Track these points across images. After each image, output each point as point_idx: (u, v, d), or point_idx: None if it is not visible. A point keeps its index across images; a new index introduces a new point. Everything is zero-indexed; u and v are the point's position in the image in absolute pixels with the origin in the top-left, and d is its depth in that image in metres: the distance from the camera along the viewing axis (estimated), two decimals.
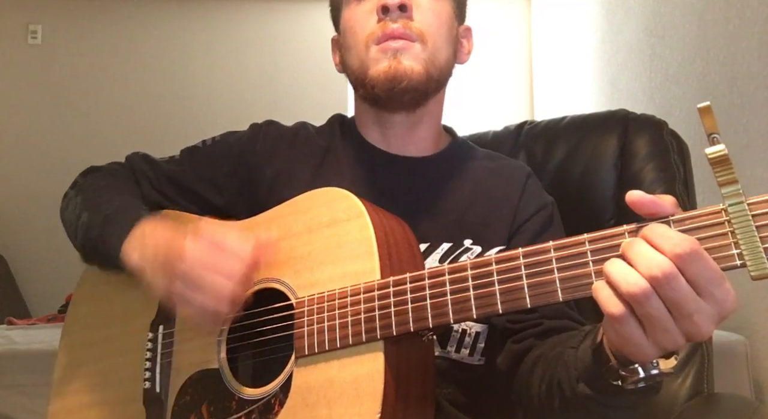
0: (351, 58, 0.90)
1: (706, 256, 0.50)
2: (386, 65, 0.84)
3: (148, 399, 0.81)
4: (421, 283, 0.65)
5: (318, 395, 0.68)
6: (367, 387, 0.65)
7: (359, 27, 0.88)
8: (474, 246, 0.89)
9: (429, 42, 0.86)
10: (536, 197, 0.94)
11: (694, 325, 0.50)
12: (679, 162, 1.06)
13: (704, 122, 0.51)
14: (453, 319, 0.63)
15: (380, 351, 0.66)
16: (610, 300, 0.51)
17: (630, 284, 0.50)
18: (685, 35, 1.85)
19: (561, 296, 0.56)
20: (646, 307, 0.50)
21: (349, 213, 0.73)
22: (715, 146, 0.51)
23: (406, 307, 0.65)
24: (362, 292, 0.68)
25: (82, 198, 0.93)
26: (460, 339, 0.87)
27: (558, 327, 0.82)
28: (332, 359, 0.69)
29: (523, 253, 0.59)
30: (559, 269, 0.57)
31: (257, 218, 0.83)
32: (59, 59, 3.72)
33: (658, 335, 0.51)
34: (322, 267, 0.73)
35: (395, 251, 0.72)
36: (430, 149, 0.96)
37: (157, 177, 0.97)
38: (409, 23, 0.85)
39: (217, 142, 0.98)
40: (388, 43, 0.84)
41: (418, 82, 0.86)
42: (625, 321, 0.51)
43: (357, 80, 0.90)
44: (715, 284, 0.50)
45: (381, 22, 0.86)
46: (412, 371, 0.70)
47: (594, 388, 0.62)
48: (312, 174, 0.93)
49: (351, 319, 0.68)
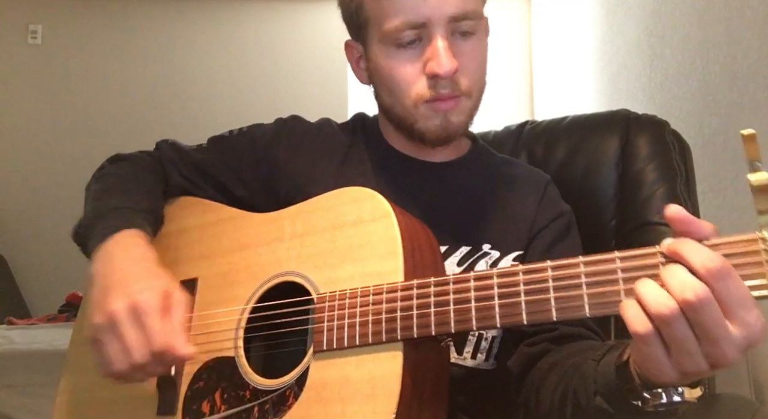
0: (392, 101, 0.89)
1: (736, 275, 0.49)
2: (437, 125, 0.86)
3: (162, 381, 0.82)
4: (446, 288, 0.65)
5: (333, 391, 0.68)
6: (384, 387, 0.65)
7: (405, 81, 0.86)
8: (492, 251, 0.89)
9: (474, 93, 0.88)
10: (554, 204, 0.95)
11: (719, 351, 0.50)
12: (681, 162, 1.06)
13: (747, 148, 0.51)
14: (476, 326, 0.63)
15: (399, 351, 0.66)
16: (638, 319, 0.51)
17: (660, 304, 0.50)
18: (685, 35, 1.86)
19: (588, 313, 0.56)
20: (673, 329, 0.50)
21: (375, 213, 0.74)
22: (759, 173, 0.51)
23: (429, 311, 0.65)
24: (385, 292, 0.68)
25: (95, 189, 0.95)
26: (476, 343, 0.87)
27: (573, 333, 0.82)
28: (350, 356, 0.69)
29: (552, 266, 0.59)
30: (587, 284, 0.57)
31: (282, 213, 0.84)
32: (59, 59, 3.72)
33: (681, 357, 0.51)
34: (344, 265, 0.74)
35: (419, 254, 0.73)
36: (452, 154, 0.97)
37: (185, 165, 0.99)
38: (457, 85, 0.85)
39: (244, 133, 1.00)
40: (439, 105, 0.85)
41: (464, 131, 0.91)
42: (650, 341, 0.51)
43: (400, 124, 0.90)
44: (746, 309, 0.49)
45: (432, 85, 0.84)
46: (428, 374, 0.70)
47: (612, 404, 0.62)
48: (335, 171, 0.94)
49: (372, 318, 0.68)
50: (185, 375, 0.81)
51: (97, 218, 0.87)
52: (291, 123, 1.00)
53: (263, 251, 0.82)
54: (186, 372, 0.81)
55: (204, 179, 0.97)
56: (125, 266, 0.78)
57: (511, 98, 3.76)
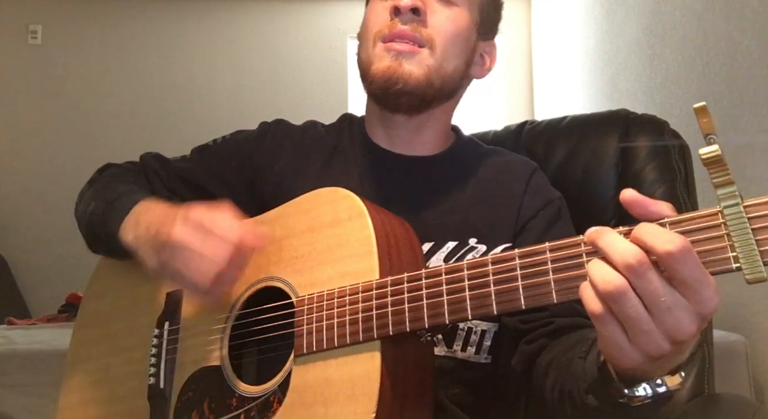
0: (360, 50, 0.91)
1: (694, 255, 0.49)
2: (386, 65, 0.85)
3: (153, 394, 0.82)
4: (418, 283, 0.65)
5: (315, 394, 0.68)
6: (363, 387, 0.65)
7: (372, 22, 0.89)
8: (479, 245, 0.89)
9: (438, 50, 0.86)
10: (541, 192, 0.94)
11: (673, 320, 0.49)
12: (680, 162, 1.06)
13: (700, 122, 0.50)
14: (448, 319, 0.62)
15: (377, 350, 0.66)
16: (591, 300, 0.51)
17: (605, 282, 0.49)
18: (685, 35, 1.86)
19: (555, 298, 0.56)
20: (622, 305, 0.49)
21: (351, 213, 0.74)
22: (708, 147, 0.49)
23: (403, 307, 0.65)
24: (360, 291, 0.68)
25: (93, 190, 0.95)
26: (465, 337, 0.87)
27: (569, 325, 0.81)
28: (330, 358, 0.69)
29: (519, 254, 0.59)
30: (554, 270, 0.56)
31: (262, 217, 0.84)
32: (59, 59, 3.72)
33: (639, 337, 0.50)
34: (323, 266, 0.73)
35: (395, 252, 0.72)
36: (435, 148, 0.97)
37: (168, 175, 0.98)
38: (420, 28, 0.85)
39: (227, 140, 1.00)
40: (393, 44, 0.85)
41: (414, 87, 0.85)
42: (606, 321, 0.51)
43: (362, 73, 0.91)
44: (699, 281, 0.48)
45: (392, 21, 0.86)
46: (409, 371, 0.69)
47: (602, 403, 0.62)
48: (319, 173, 0.94)
49: (349, 318, 0.68)
50: (175, 388, 0.81)
51: (109, 203, 0.87)
52: (275, 126, 1.00)
53: None
54: (175, 385, 0.81)
55: (188, 187, 0.97)
56: (158, 215, 0.78)
57: (511, 98, 3.76)
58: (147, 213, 0.81)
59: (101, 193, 0.92)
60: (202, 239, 0.71)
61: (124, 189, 0.89)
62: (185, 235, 0.71)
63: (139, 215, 0.82)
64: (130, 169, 1.00)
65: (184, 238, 0.71)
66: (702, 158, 0.50)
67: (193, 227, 0.71)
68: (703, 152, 0.50)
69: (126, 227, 0.83)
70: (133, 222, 0.82)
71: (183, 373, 0.81)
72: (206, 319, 0.81)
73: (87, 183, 0.99)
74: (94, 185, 0.97)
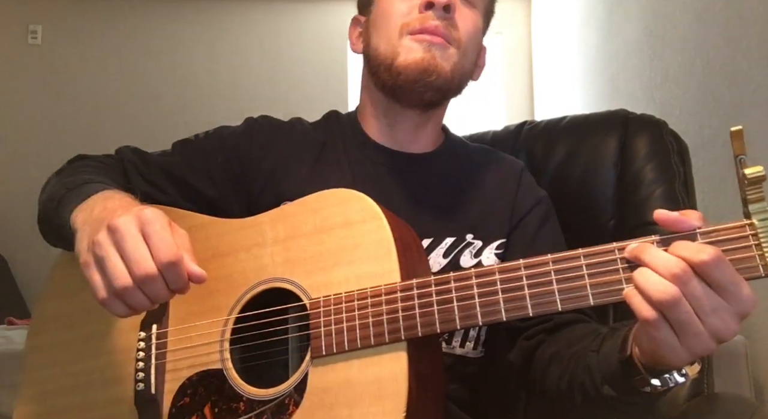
0: (379, 40, 0.89)
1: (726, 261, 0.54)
2: (420, 56, 0.84)
3: (141, 400, 0.79)
4: (447, 286, 0.66)
5: (337, 395, 0.68)
6: (390, 388, 0.65)
7: (396, 12, 0.87)
8: (475, 241, 0.90)
9: (462, 49, 0.87)
10: (532, 191, 0.96)
11: (719, 321, 0.53)
12: (679, 162, 1.06)
13: (734, 144, 0.56)
14: (482, 321, 0.65)
15: (403, 351, 0.66)
16: (644, 307, 0.55)
17: (659, 291, 0.53)
18: (685, 35, 1.86)
19: (592, 301, 0.60)
20: (675, 311, 0.53)
21: (364, 215, 0.73)
22: (755, 167, 0.55)
23: (432, 309, 0.66)
24: (383, 293, 0.68)
25: (57, 178, 0.89)
26: (465, 333, 0.88)
27: (568, 320, 0.83)
28: (352, 359, 0.69)
29: (553, 259, 0.62)
30: (590, 275, 0.60)
31: (260, 217, 0.82)
32: (59, 59, 3.72)
33: (690, 339, 0.54)
34: (337, 268, 0.73)
35: (408, 253, 0.73)
36: (430, 145, 0.98)
37: (147, 168, 0.94)
38: (450, 27, 0.86)
39: (210, 135, 0.98)
40: (425, 36, 0.84)
41: (443, 82, 0.86)
42: (659, 326, 0.54)
43: (381, 64, 0.88)
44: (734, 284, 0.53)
45: (422, 14, 0.85)
46: (429, 371, 0.70)
47: (621, 393, 0.65)
48: (309, 169, 0.93)
49: (372, 320, 0.68)
50: (166, 393, 0.78)
51: (69, 189, 0.80)
52: (261, 121, 0.99)
53: (243, 258, 0.79)
54: (167, 390, 0.78)
55: (170, 182, 0.93)
56: (116, 206, 0.71)
57: (511, 98, 3.76)
58: (107, 201, 0.75)
59: (65, 180, 0.85)
60: (135, 240, 0.63)
61: (89, 178, 0.83)
62: (125, 225, 0.63)
63: (96, 200, 0.76)
64: (104, 161, 0.95)
65: (122, 228, 0.63)
66: (748, 177, 0.55)
67: (138, 223, 0.64)
68: (751, 172, 0.55)
69: (79, 209, 0.75)
70: (88, 207, 0.75)
71: (176, 378, 0.79)
72: (201, 322, 0.79)
73: (54, 173, 0.94)
74: (60, 174, 0.91)
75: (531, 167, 1.06)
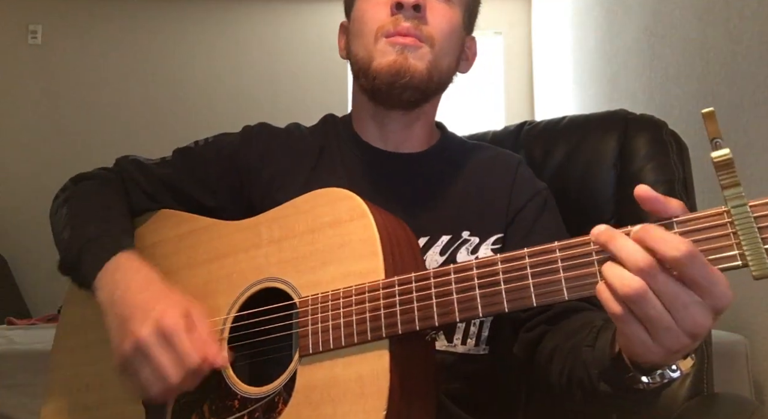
0: (357, 46, 0.91)
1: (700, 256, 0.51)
2: (392, 59, 0.85)
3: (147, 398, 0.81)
4: (427, 282, 0.66)
5: (322, 393, 0.69)
6: (372, 386, 0.66)
7: (370, 17, 0.89)
8: (472, 237, 0.90)
9: (437, 46, 0.88)
10: (528, 184, 0.96)
11: (691, 317, 0.51)
12: (679, 162, 1.06)
13: (708, 126, 0.53)
14: (459, 318, 0.64)
15: (385, 349, 0.66)
16: (611, 302, 0.53)
17: (624, 285, 0.51)
18: (685, 35, 1.86)
19: (567, 295, 0.58)
20: (642, 306, 0.51)
21: (352, 214, 0.74)
22: (721, 150, 0.52)
23: (412, 306, 0.66)
24: (367, 291, 0.69)
25: (68, 210, 0.92)
26: (465, 329, 0.88)
27: (567, 308, 0.83)
28: (336, 357, 0.69)
29: (529, 253, 0.61)
30: (564, 268, 0.58)
31: (258, 218, 0.84)
32: (59, 59, 3.73)
33: (661, 335, 0.52)
34: (325, 267, 0.74)
35: (398, 251, 0.73)
36: (424, 144, 0.98)
37: (148, 182, 0.96)
38: (421, 26, 0.87)
39: (210, 143, 0.99)
40: (397, 38, 0.86)
41: (419, 81, 0.87)
42: (627, 321, 0.53)
43: (360, 69, 0.90)
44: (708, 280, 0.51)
45: (394, 16, 0.87)
46: (415, 369, 0.70)
47: (616, 390, 0.64)
48: (308, 174, 0.94)
49: (356, 318, 0.68)
50: None
51: (81, 249, 0.86)
52: (258, 129, 1.00)
53: (242, 259, 0.81)
54: None
55: (170, 194, 0.96)
56: (136, 292, 0.78)
57: (511, 98, 3.76)
58: (126, 278, 0.80)
59: (78, 219, 0.89)
60: (161, 352, 0.72)
61: (104, 227, 0.87)
62: (149, 340, 0.72)
63: (116, 274, 0.81)
64: (105, 179, 0.97)
65: (147, 343, 0.72)
66: (714, 160, 0.52)
67: (159, 335, 0.72)
68: (716, 155, 0.52)
69: (100, 282, 0.82)
70: (109, 280, 0.81)
71: None
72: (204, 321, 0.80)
73: (61, 191, 0.98)
74: (70, 201, 0.94)
75: (531, 167, 1.06)
